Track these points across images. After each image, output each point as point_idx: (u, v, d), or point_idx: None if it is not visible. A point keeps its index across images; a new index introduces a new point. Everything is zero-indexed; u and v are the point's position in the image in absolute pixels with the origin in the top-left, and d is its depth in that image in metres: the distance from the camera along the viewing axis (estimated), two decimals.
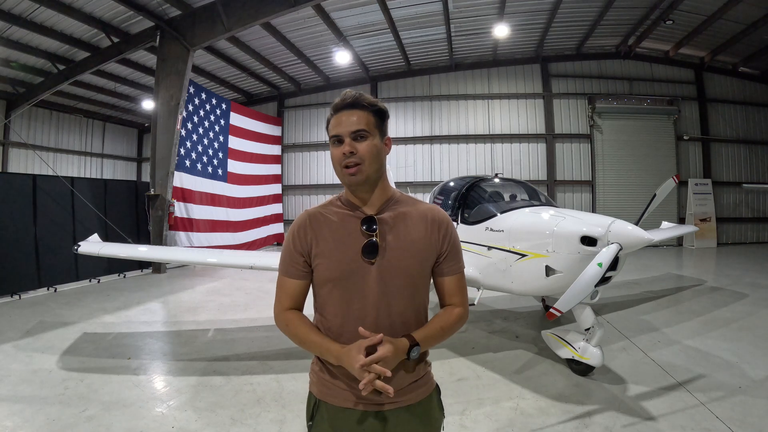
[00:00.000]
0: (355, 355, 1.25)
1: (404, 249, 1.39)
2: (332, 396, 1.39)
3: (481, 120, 14.52)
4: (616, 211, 11.47)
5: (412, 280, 1.41)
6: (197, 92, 11.09)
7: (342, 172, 1.37)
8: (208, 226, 11.37)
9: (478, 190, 5.31)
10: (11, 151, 13.70)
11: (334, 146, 1.38)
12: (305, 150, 15.64)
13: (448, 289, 1.48)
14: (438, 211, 1.48)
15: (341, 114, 1.37)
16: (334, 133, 1.37)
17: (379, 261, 1.36)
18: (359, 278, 1.36)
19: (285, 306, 1.46)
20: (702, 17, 11.32)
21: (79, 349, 4.77)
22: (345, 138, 1.35)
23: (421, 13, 11.02)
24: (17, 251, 7.38)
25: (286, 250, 1.46)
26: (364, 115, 1.37)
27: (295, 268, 1.43)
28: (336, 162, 1.37)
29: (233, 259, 5.81)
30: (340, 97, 1.40)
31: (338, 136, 1.36)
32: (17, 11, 8.96)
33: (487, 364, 4.28)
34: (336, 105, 1.40)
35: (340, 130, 1.36)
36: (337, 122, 1.37)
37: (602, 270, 3.32)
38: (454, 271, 1.48)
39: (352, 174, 1.35)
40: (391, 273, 1.37)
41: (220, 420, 3.22)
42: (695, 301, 6.75)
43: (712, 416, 3.17)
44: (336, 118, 1.38)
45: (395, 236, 1.39)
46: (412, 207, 1.46)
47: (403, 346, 1.31)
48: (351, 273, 1.36)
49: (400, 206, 1.45)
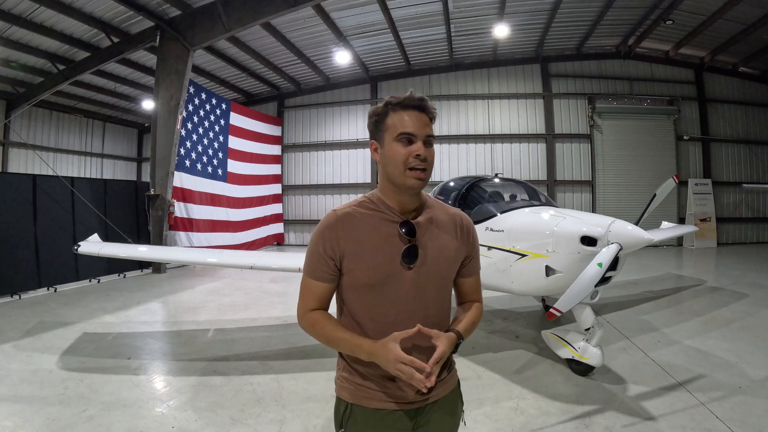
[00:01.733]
0: (392, 348, 1.22)
1: (439, 253, 1.39)
2: (367, 399, 1.36)
3: (481, 120, 14.52)
4: (616, 211, 11.47)
5: (445, 283, 1.43)
6: (197, 92, 11.10)
7: (405, 174, 1.31)
8: (208, 226, 11.38)
9: (478, 190, 5.30)
10: (11, 151, 13.70)
11: (401, 144, 1.31)
12: (305, 150, 15.64)
13: (471, 287, 1.53)
14: (465, 216, 1.51)
15: (410, 112, 1.32)
16: (407, 130, 1.31)
17: (417, 266, 1.34)
18: (396, 283, 1.33)
19: (310, 307, 1.41)
20: (702, 17, 11.32)
21: (79, 349, 4.76)
22: (418, 140, 1.31)
23: (421, 13, 11.01)
24: (17, 251, 7.38)
25: (314, 253, 1.38)
26: (429, 121, 1.35)
27: (323, 271, 1.37)
28: (401, 161, 1.30)
29: (233, 259, 5.81)
30: (408, 95, 1.34)
31: (411, 135, 1.31)
32: (17, 11, 8.96)
33: (487, 364, 4.28)
34: (402, 102, 1.34)
35: (413, 129, 1.31)
36: (410, 120, 1.31)
37: (602, 270, 3.32)
38: (476, 271, 1.54)
39: (420, 178, 1.31)
40: (428, 277, 1.36)
41: (220, 420, 3.22)
42: (695, 301, 6.75)
43: (712, 416, 3.17)
44: (407, 115, 1.32)
45: (431, 241, 1.38)
46: (441, 211, 1.46)
47: (453, 341, 1.32)
48: (388, 278, 1.33)
49: (432, 210, 1.43)
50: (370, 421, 1.35)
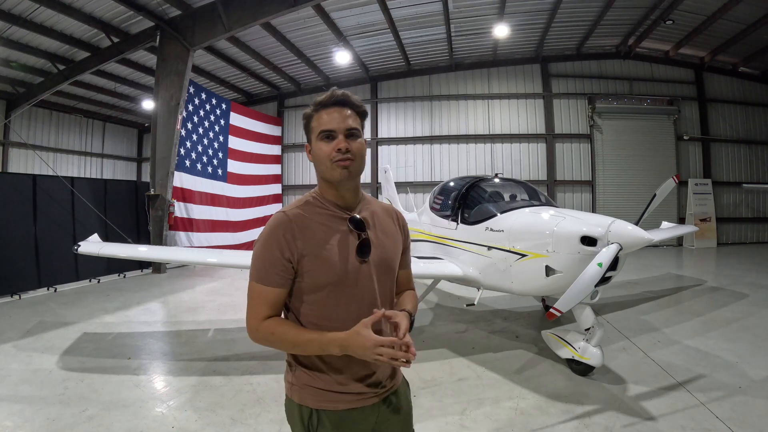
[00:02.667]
0: (366, 334, 1.20)
1: (387, 245, 1.45)
2: (333, 402, 1.35)
3: (481, 120, 14.52)
4: (616, 211, 11.47)
5: (394, 274, 1.49)
6: (197, 92, 11.10)
7: (332, 167, 1.34)
8: (208, 226, 11.38)
9: (478, 190, 5.30)
10: (11, 151, 13.69)
11: (324, 141, 1.35)
12: (305, 150, 15.59)
13: (407, 277, 1.62)
14: (395, 208, 1.60)
15: (331, 110, 1.36)
16: (327, 128, 1.35)
17: (371, 259, 1.38)
18: (353, 279, 1.35)
19: (264, 315, 1.33)
20: (702, 17, 11.32)
21: (79, 349, 4.77)
22: (339, 134, 1.34)
23: (421, 13, 11.01)
24: (17, 251, 7.38)
25: (268, 256, 1.32)
26: (354, 114, 1.39)
27: (278, 276, 1.32)
28: (325, 157, 1.35)
29: (233, 259, 5.79)
30: (328, 94, 1.38)
31: (331, 131, 1.35)
32: (17, 11, 8.95)
33: (487, 364, 4.28)
34: (323, 101, 1.38)
35: (333, 125, 1.35)
36: (329, 118, 1.35)
37: (602, 270, 3.32)
38: (409, 263, 1.63)
39: (345, 167, 1.34)
40: (381, 269, 1.41)
41: (220, 420, 3.22)
42: (695, 301, 6.75)
43: (712, 416, 3.17)
44: (326, 114, 1.36)
45: (378, 233, 1.44)
46: (377, 205, 1.53)
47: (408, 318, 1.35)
48: (347, 274, 1.34)
49: (370, 205, 1.49)
50: (339, 422, 1.35)
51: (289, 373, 1.43)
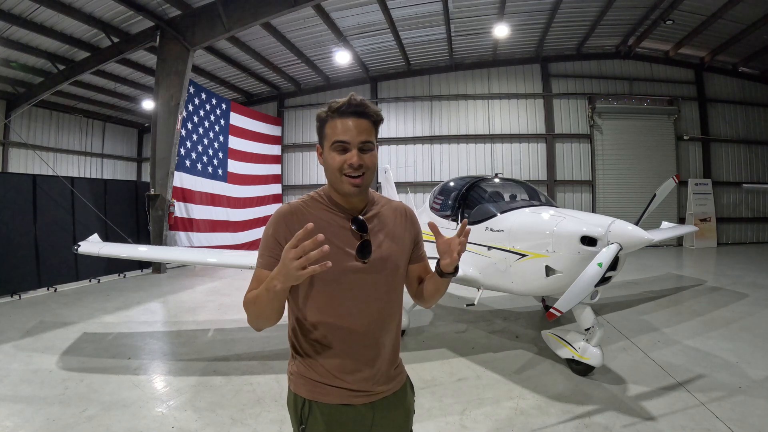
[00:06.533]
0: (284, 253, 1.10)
1: (391, 245, 1.44)
2: (324, 395, 1.37)
3: (481, 120, 14.52)
4: (616, 211, 11.47)
5: (399, 271, 1.47)
6: (197, 92, 11.10)
7: (342, 180, 1.33)
8: (208, 226, 11.38)
9: (478, 190, 5.30)
10: (11, 151, 13.70)
11: (336, 152, 1.33)
12: (305, 150, 15.63)
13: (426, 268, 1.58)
14: (406, 206, 1.60)
15: (347, 119, 1.32)
16: (341, 138, 1.31)
17: (371, 259, 1.38)
18: (351, 278, 1.35)
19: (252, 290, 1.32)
20: (702, 17, 11.32)
21: (79, 349, 4.77)
22: (352, 148, 1.32)
23: (421, 13, 11.01)
24: (17, 251, 7.38)
25: (264, 241, 1.37)
26: (369, 125, 1.35)
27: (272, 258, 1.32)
28: (336, 168, 1.33)
29: (233, 259, 5.80)
30: (345, 101, 1.33)
31: (345, 143, 1.32)
32: (17, 11, 8.95)
33: (487, 364, 4.28)
34: (340, 108, 1.33)
35: (347, 137, 1.31)
36: (344, 128, 1.32)
37: (602, 270, 3.32)
38: (424, 256, 1.60)
39: (357, 185, 1.33)
40: (382, 269, 1.40)
41: (220, 420, 3.22)
42: (695, 301, 6.75)
43: (712, 416, 3.17)
44: (341, 123, 1.32)
45: (382, 233, 1.43)
46: (387, 205, 1.51)
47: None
48: (344, 272, 1.34)
49: (378, 206, 1.48)
50: (330, 416, 1.36)
51: (291, 363, 1.47)
